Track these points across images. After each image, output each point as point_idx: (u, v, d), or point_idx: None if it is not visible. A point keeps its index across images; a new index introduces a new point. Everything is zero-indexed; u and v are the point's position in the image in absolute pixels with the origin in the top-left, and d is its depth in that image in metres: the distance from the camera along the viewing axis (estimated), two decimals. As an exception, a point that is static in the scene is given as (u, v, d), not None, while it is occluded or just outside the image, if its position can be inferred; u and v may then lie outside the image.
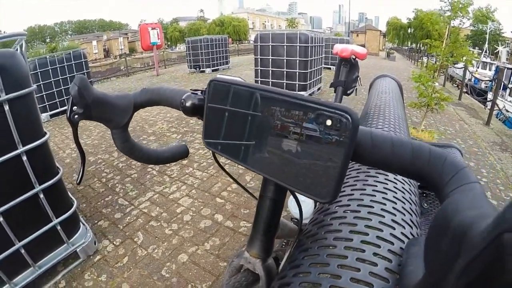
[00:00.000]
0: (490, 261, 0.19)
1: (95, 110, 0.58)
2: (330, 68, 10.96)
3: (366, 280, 0.42)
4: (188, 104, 0.55)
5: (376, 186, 0.70)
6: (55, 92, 6.00)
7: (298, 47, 5.84)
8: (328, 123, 0.34)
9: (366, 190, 0.69)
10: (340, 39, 11.92)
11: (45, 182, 1.75)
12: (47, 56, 5.92)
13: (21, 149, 1.58)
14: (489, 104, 6.91)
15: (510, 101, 11.55)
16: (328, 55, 10.83)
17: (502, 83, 6.95)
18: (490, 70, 19.08)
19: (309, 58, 5.93)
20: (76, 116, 0.56)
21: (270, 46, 6.17)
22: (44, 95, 5.81)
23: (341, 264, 0.46)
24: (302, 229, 0.62)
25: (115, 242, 2.28)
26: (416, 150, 0.35)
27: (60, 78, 6.03)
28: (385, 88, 1.70)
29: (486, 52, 31.06)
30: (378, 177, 0.76)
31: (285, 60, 6.09)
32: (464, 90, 8.96)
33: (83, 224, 2.16)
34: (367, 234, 0.53)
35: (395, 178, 0.75)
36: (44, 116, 5.87)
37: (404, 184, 0.77)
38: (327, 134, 0.34)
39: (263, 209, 0.59)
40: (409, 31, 38.36)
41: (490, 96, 11.03)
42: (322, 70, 7.11)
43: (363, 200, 0.65)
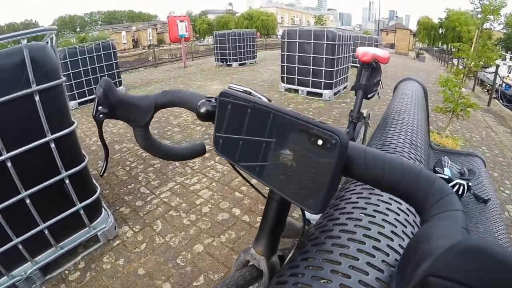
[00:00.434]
0: None
1: (119, 110, 0.62)
2: (358, 67, 10.77)
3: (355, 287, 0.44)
4: (202, 110, 0.58)
5: (382, 196, 0.71)
6: (84, 81, 6.20)
7: (325, 44, 5.74)
8: (319, 142, 0.36)
9: (371, 199, 0.70)
10: (368, 38, 11.40)
11: (71, 169, 1.83)
12: (77, 46, 6.12)
13: (49, 137, 1.67)
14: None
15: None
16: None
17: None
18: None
19: (336, 56, 5.82)
20: (101, 115, 0.61)
21: (297, 43, 6.08)
22: (73, 84, 6.02)
23: (334, 269, 0.48)
24: (304, 232, 0.64)
25: (134, 229, 2.37)
26: (407, 171, 0.35)
27: (89, 67, 6.23)
28: (408, 92, 1.69)
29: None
30: None
31: (311, 57, 5.99)
32: (494, 96, 8.59)
33: (105, 210, 2.26)
34: (363, 243, 0.54)
35: None
36: (72, 103, 6.11)
37: None
38: (318, 151, 0.37)
39: (270, 209, 0.62)
40: (440, 31, 36.96)
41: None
42: (348, 69, 6.96)
43: (366, 209, 0.66)
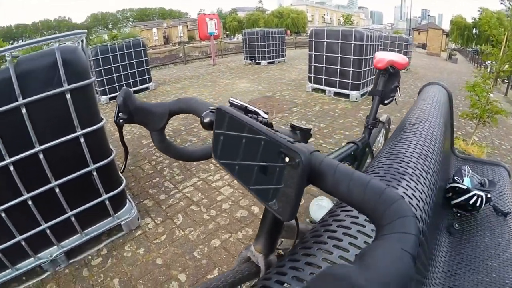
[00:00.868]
0: None
1: (136, 116, 0.70)
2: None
3: None
4: (206, 120, 0.63)
5: (398, 189, 0.75)
6: (114, 77, 6.47)
7: (353, 45, 5.64)
8: (287, 159, 0.41)
9: None
10: (398, 38, 11.01)
11: (98, 162, 1.97)
12: (108, 44, 6.38)
13: (79, 132, 1.81)
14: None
15: None
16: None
17: None
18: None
19: (363, 57, 5.72)
20: (121, 120, 0.69)
21: (325, 43, 6.02)
22: (104, 79, 6.31)
23: (325, 258, 0.53)
24: (298, 234, 0.68)
25: (156, 221, 2.48)
26: (370, 190, 0.37)
27: (120, 64, 6.49)
28: (430, 97, 1.67)
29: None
30: (402, 181, 0.79)
31: (339, 57, 5.91)
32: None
33: (129, 201, 2.39)
34: (356, 238, 0.58)
35: (412, 194, 0.76)
36: (103, 98, 6.39)
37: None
38: (286, 167, 0.41)
39: (268, 212, 0.68)
40: (473, 31, 35.19)
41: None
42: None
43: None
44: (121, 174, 2.36)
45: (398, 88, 1.63)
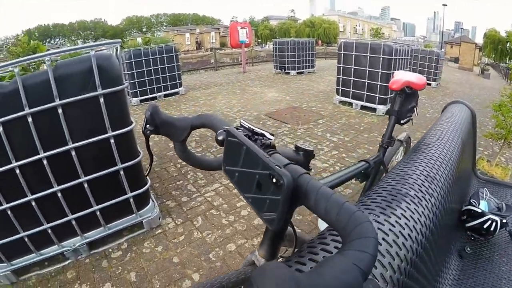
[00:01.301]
0: None
1: (162, 128, 0.79)
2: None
3: None
4: (219, 138, 0.70)
5: (396, 210, 0.77)
6: (146, 80, 6.72)
7: (381, 58, 5.57)
8: (274, 180, 0.47)
9: (386, 210, 0.77)
10: (429, 52, 10.71)
11: (126, 162, 2.09)
12: (142, 48, 6.63)
13: (110, 133, 1.94)
14: None
15: None
16: (415, 67, 10.08)
17: None
18: None
19: (392, 71, 5.56)
20: (148, 131, 0.78)
21: (353, 56, 5.97)
22: (136, 82, 6.57)
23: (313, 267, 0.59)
24: (296, 244, 0.74)
25: (176, 221, 2.57)
26: (343, 209, 0.42)
27: (152, 68, 6.73)
28: (453, 116, 1.66)
29: None
30: (402, 203, 0.82)
31: (367, 71, 5.84)
32: None
33: (153, 201, 2.50)
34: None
35: (411, 216, 0.78)
36: (134, 100, 6.66)
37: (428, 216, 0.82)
38: (273, 187, 0.48)
39: None
40: (507, 45, 33.31)
41: None
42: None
43: (379, 217, 0.74)
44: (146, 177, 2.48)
45: (415, 108, 1.62)
